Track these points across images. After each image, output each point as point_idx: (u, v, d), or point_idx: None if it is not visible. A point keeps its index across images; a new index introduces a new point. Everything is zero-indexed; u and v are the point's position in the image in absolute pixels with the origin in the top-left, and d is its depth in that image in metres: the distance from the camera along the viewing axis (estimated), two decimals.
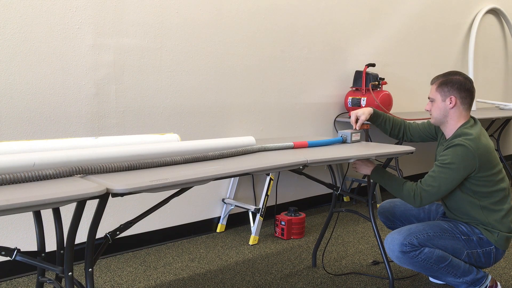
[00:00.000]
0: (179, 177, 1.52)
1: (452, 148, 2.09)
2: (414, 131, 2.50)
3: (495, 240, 2.14)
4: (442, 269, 2.12)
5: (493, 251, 2.15)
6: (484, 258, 2.16)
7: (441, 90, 2.19)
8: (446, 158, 2.09)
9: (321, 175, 4.04)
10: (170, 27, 2.95)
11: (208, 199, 3.34)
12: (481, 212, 2.15)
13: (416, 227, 2.16)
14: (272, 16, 3.47)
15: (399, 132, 2.51)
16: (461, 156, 2.06)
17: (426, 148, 5.03)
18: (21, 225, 2.56)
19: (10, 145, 1.57)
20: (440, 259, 2.10)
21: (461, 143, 2.08)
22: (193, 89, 3.11)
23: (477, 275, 2.17)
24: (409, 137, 2.52)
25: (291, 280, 2.57)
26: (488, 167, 2.11)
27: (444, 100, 2.18)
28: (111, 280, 2.55)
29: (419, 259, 2.09)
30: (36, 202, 1.21)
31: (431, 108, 2.24)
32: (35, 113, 2.51)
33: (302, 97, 3.76)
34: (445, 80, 2.19)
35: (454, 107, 2.17)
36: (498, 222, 2.14)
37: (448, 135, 2.25)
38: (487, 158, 2.10)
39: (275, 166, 1.84)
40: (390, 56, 4.42)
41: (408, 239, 2.09)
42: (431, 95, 2.23)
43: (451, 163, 2.07)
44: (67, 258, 1.47)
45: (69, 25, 2.56)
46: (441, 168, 2.10)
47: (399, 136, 2.52)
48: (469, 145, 2.06)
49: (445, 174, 2.08)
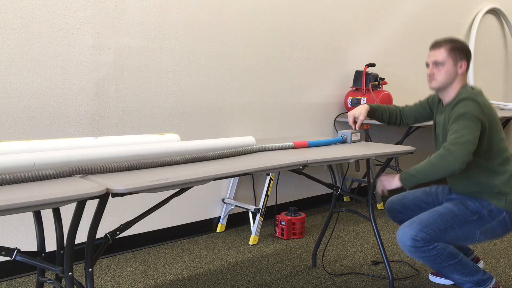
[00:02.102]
0: (179, 177, 1.52)
1: (461, 102, 2.10)
2: (409, 114, 2.51)
3: (504, 206, 2.14)
4: (451, 266, 2.13)
5: (506, 218, 2.15)
6: (500, 228, 2.16)
7: (454, 55, 2.19)
8: (459, 111, 2.09)
9: (321, 175, 4.04)
10: (170, 27, 2.95)
11: (208, 199, 3.34)
12: (488, 175, 2.15)
13: (427, 219, 2.13)
14: (272, 16, 3.47)
15: (395, 120, 2.53)
16: (472, 106, 2.08)
17: (426, 148, 5.04)
18: (21, 225, 2.56)
19: (10, 145, 1.57)
20: (451, 256, 2.12)
21: (469, 96, 2.11)
22: (193, 89, 3.11)
23: (483, 276, 2.19)
24: (405, 122, 2.53)
25: (291, 280, 2.57)
26: (493, 121, 2.13)
27: (456, 65, 2.19)
28: (111, 280, 2.55)
29: (431, 253, 2.10)
30: (36, 202, 1.21)
31: (436, 72, 2.21)
32: (35, 113, 2.51)
33: (302, 97, 3.76)
34: (457, 45, 2.20)
35: (463, 72, 2.20)
36: (505, 184, 2.14)
37: (449, 99, 2.23)
38: (492, 112, 2.13)
39: (275, 166, 1.84)
40: (390, 56, 4.42)
41: (420, 235, 2.08)
42: (440, 58, 2.19)
43: (466, 113, 2.07)
44: (67, 258, 1.47)
45: (69, 25, 2.56)
46: (457, 121, 2.08)
47: (396, 123, 2.54)
48: (476, 98, 2.10)
49: (463, 124, 2.06)
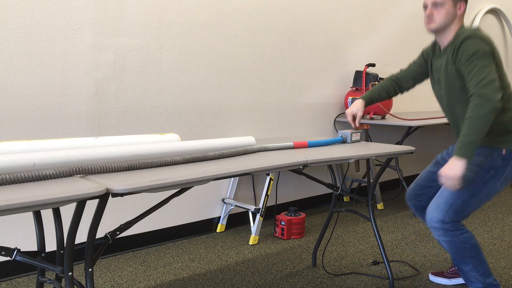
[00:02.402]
0: (179, 177, 1.52)
1: (466, 42, 2.05)
2: (405, 78, 2.46)
3: None
4: (471, 259, 2.16)
5: None
6: None
7: None
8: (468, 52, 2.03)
9: (321, 175, 4.04)
10: (170, 27, 2.95)
11: (208, 199, 3.34)
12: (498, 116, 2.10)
13: (450, 197, 2.12)
14: (272, 16, 3.47)
15: (395, 92, 2.50)
16: (480, 44, 2.03)
17: (426, 148, 5.04)
18: (21, 225, 2.56)
19: (10, 145, 1.57)
20: (475, 248, 2.16)
21: (472, 34, 2.06)
22: (193, 89, 3.11)
23: (494, 281, 2.23)
24: (405, 88, 2.49)
25: (291, 280, 2.57)
26: (497, 56, 2.10)
27: (455, 6, 2.16)
28: (111, 280, 2.55)
29: (458, 239, 2.13)
30: (36, 202, 1.21)
31: (435, 13, 2.17)
32: (35, 113, 2.51)
33: (302, 97, 3.76)
34: None
35: (462, 13, 2.18)
36: None
37: (447, 41, 2.20)
38: (495, 46, 2.09)
39: (275, 166, 1.84)
40: (390, 56, 4.42)
41: (448, 217, 2.11)
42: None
43: (476, 52, 2.02)
44: (67, 258, 1.47)
45: (69, 25, 2.57)
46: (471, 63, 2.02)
47: (396, 94, 2.51)
48: (479, 34, 2.06)
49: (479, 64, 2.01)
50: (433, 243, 3.19)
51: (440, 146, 5.16)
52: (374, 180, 2.51)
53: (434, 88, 2.33)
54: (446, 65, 2.17)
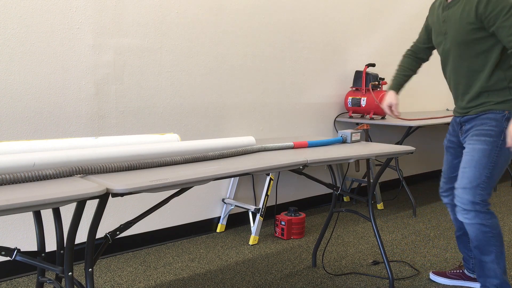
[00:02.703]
0: (179, 177, 1.52)
1: None
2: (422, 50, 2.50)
3: None
4: (493, 247, 2.17)
5: None
6: None
7: None
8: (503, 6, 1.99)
9: (321, 175, 4.04)
10: (170, 27, 2.95)
11: (208, 199, 3.34)
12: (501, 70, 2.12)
13: (473, 174, 2.14)
14: (272, 16, 3.47)
15: (418, 64, 2.54)
16: None
17: (426, 148, 5.04)
18: (21, 225, 2.56)
19: (10, 145, 1.57)
20: (499, 237, 2.17)
21: None
22: (193, 89, 3.11)
23: (508, 281, 2.24)
24: (426, 57, 2.53)
25: (291, 280, 2.57)
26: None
27: None
28: (111, 280, 2.55)
29: (487, 223, 2.15)
30: (36, 202, 1.21)
31: None
32: (35, 113, 2.51)
33: (302, 97, 3.77)
34: None
35: None
36: None
37: None
38: None
39: (275, 166, 1.84)
40: (390, 56, 4.42)
41: (477, 197, 2.13)
42: None
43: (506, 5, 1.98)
44: (67, 258, 1.47)
45: (69, 25, 2.57)
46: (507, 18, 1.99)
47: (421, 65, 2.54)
48: None
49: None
50: (433, 243, 3.19)
51: (440, 146, 5.16)
52: (374, 180, 2.51)
53: (437, 43, 2.31)
54: (461, 15, 2.12)
